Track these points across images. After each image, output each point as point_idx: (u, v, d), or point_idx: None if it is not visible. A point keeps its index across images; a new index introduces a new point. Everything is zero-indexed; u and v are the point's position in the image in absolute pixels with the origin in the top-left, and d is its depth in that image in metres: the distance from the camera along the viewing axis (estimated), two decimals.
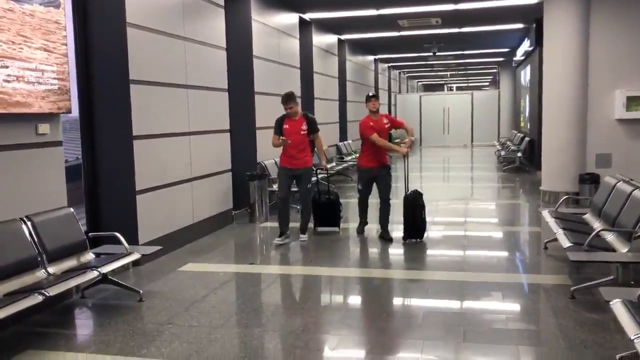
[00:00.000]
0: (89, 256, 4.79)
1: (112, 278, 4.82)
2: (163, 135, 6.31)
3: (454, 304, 4.64)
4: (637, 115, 8.67)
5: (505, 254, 6.29)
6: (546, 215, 5.99)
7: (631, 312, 3.07)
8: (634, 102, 8.68)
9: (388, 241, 6.61)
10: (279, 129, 6.61)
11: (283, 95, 6.61)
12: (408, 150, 6.59)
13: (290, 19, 10.99)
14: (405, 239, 6.52)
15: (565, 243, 4.87)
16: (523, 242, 7.04)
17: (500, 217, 8.69)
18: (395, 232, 6.80)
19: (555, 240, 5.37)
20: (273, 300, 4.94)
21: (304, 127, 6.61)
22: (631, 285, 4.28)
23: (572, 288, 4.58)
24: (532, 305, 4.64)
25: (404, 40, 15.96)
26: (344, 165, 13.13)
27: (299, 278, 5.49)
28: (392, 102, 24.46)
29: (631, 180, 5.57)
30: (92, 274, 4.33)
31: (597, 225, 5.55)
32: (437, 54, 17.51)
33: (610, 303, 3.28)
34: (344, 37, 15.40)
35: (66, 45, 4.83)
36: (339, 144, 14.63)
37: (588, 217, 6.00)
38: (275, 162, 7.65)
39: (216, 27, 7.68)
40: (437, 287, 4.99)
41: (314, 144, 6.84)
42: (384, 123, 6.62)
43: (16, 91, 4.27)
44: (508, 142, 17.96)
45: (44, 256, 4.34)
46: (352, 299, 4.99)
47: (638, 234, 4.61)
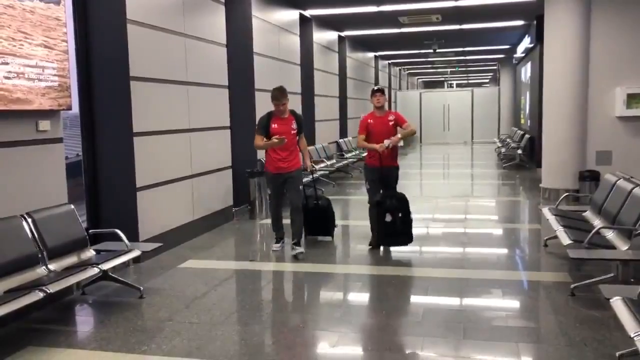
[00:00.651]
0: (90, 253, 4.79)
1: (112, 275, 4.83)
2: (163, 132, 6.31)
3: (454, 301, 4.65)
4: (637, 113, 8.66)
5: (505, 251, 6.29)
6: (546, 212, 6.00)
7: (631, 310, 3.08)
8: (634, 99, 8.67)
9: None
10: (264, 129, 5.85)
11: (275, 90, 5.82)
12: (385, 149, 5.83)
13: (291, 15, 10.98)
14: (379, 245, 6.08)
15: (566, 240, 4.88)
16: (523, 239, 7.04)
17: (500, 215, 8.69)
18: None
19: (555, 237, 5.38)
20: (273, 297, 4.95)
21: (294, 126, 5.92)
22: (631, 283, 4.28)
23: (572, 285, 4.58)
24: (532, 302, 4.64)
25: (405, 37, 15.95)
26: (344, 162, 13.16)
27: (299, 275, 5.50)
28: (393, 99, 24.46)
29: (631, 177, 5.57)
30: (93, 271, 4.33)
31: (597, 222, 5.55)
32: (438, 50, 17.48)
33: (611, 300, 3.29)
34: (344, 33, 15.38)
35: (66, 42, 4.83)
36: (339, 140, 14.67)
37: (588, 214, 6.00)
38: None
39: (216, 23, 7.68)
40: (436, 285, 5.00)
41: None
42: (388, 121, 6.02)
43: (17, 88, 4.27)
44: (508, 139, 17.97)
45: (44, 253, 4.35)
46: (351, 295, 4.99)
47: (638, 231, 4.61)
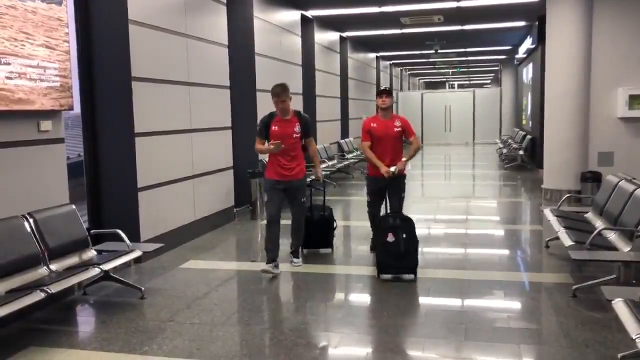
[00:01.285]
0: (91, 253, 4.79)
1: (114, 275, 4.83)
2: (165, 132, 6.31)
3: (456, 302, 4.65)
4: (639, 114, 8.66)
5: (506, 252, 6.28)
6: (548, 213, 5.99)
7: (633, 312, 3.07)
8: (636, 100, 8.65)
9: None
10: (264, 131, 5.37)
11: (277, 86, 5.30)
12: (392, 174, 5.34)
13: (292, 16, 10.98)
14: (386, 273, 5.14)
15: (567, 241, 4.87)
16: (524, 240, 7.04)
17: (501, 216, 8.68)
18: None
19: (557, 238, 5.37)
20: (274, 298, 4.94)
21: (297, 129, 5.34)
22: (633, 285, 4.28)
23: (574, 287, 4.57)
24: (534, 303, 4.63)
25: (406, 38, 15.95)
26: (345, 163, 13.18)
27: (301, 275, 5.49)
28: (394, 99, 24.47)
29: (633, 179, 5.56)
30: (94, 271, 4.33)
31: (599, 224, 5.54)
32: (439, 51, 17.49)
33: (612, 302, 3.29)
34: (345, 34, 15.38)
35: (68, 42, 4.84)
36: (341, 141, 14.68)
37: (590, 215, 5.99)
38: None
39: (218, 24, 7.68)
40: (438, 286, 4.99)
41: (305, 150, 5.56)
42: (393, 126, 5.46)
43: (18, 88, 4.28)
44: (510, 140, 17.96)
45: (46, 253, 4.35)
46: (353, 296, 4.99)
47: None
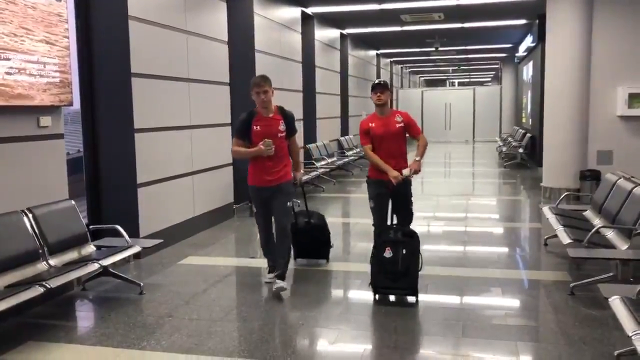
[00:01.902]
0: (90, 249, 4.81)
1: (112, 271, 4.84)
2: (164, 128, 6.32)
3: (454, 299, 4.66)
4: (638, 113, 8.65)
5: (505, 250, 6.30)
6: (546, 211, 6.00)
7: (630, 309, 3.08)
8: (636, 99, 8.66)
9: None
10: (244, 131, 4.62)
11: (256, 77, 4.70)
12: (403, 178, 4.65)
13: (293, 12, 10.97)
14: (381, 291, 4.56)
15: (565, 239, 4.89)
16: (523, 238, 7.05)
17: (500, 213, 8.70)
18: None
19: (556, 236, 5.39)
20: (273, 294, 4.94)
21: (282, 127, 4.68)
22: (631, 282, 4.28)
23: (572, 284, 4.59)
24: (532, 301, 4.65)
25: (407, 35, 15.93)
26: (345, 160, 13.19)
27: (299, 272, 5.50)
28: (394, 97, 24.46)
29: (632, 177, 5.57)
30: (93, 267, 4.35)
31: (597, 222, 5.55)
32: (440, 49, 17.46)
33: (609, 300, 3.30)
34: (346, 31, 15.37)
35: (68, 38, 4.84)
36: (340, 138, 14.68)
37: (588, 213, 6.00)
38: None
39: (218, 20, 7.67)
40: (436, 283, 5.00)
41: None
42: (394, 122, 4.79)
43: (18, 84, 4.28)
44: (510, 138, 17.95)
45: (45, 248, 4.36)
46: (351, 293, 5.00)
47: (638, 231, 4.62)
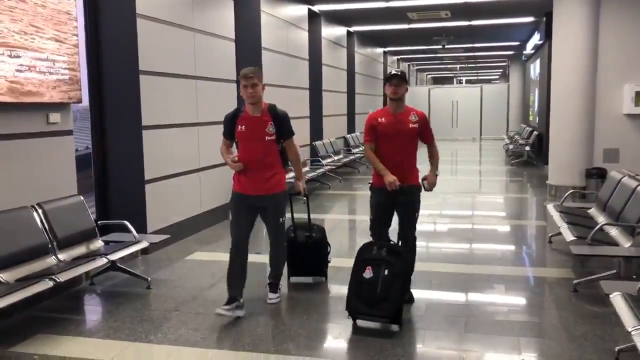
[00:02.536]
0: (99, 244, 4.88)
1: (120, 265, 4.91)
2: (172, 125, 6.38)
3: (458, 295, 4.69)
4: None
5: (510, 247, 6.32)
6: (551, 209, 6.02)
7: (630, 305, 3.11)
8: None
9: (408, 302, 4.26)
10: (230, 130, 4.22)
11: (244, 68, 4.15)
12: (398, 187, 4.01)
13: (299, 10, 11.00)
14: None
15: (569, 237, 4.90)
16: (529, 235, 7.06)
17: (506, 211, 8.70)
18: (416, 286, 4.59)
19: (560, 234, 5.40)
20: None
21: (271, 129, 4.12)
22: (633, 279, 4.30)
23: (575, 281, 4.61)
24: (535, 297, 4.67)
25: (414, 33, 15.92)
26: (351, 157, 13.24)
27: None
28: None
29: (637, 175, 5.57)
30: (101, 261, 4.42)
31: (601, 219, 5.56)
32: (447, 46, 17.45)
33: (610, 296, 3.32)
34: (353, 29, 15.38)
35: (77, 35, 4.91)
36: (347, 136, 14.73)
37: (593, 211, 6.01)
38: None
39: (225, 18, 7.72)
40: (441, 279, 5.03)
41: (284, 154, 4.33)
42: (408, 121, 4.17)
43: (28, 81, 4.35)
44: (517, 136, 17.90)
45: (54, 243, 4.43)
46: None
47: None
